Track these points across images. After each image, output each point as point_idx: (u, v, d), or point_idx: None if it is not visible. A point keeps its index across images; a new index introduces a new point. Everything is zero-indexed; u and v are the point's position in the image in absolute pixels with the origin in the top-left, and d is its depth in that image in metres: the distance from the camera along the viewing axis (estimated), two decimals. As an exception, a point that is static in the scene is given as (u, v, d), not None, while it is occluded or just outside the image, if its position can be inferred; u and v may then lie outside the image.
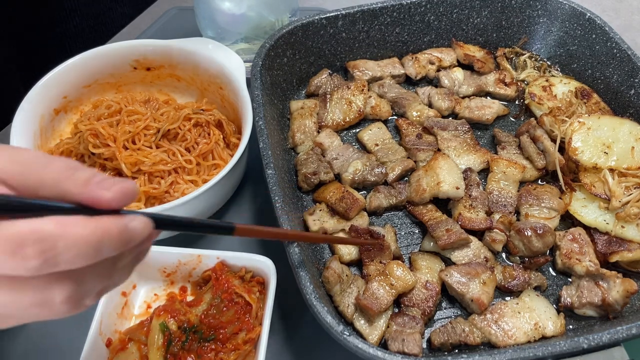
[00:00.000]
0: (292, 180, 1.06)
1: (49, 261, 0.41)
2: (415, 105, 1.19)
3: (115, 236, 0.45)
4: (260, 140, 0.96)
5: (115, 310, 0.87)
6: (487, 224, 0.96)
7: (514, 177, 1.04)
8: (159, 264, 0.92)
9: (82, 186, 0.45)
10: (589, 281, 0.89)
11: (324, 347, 0.89)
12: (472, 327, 0.84)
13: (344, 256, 0.94)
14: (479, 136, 1.17)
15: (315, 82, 1.22)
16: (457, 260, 0.93)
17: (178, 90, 1.22)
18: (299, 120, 1.14)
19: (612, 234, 0.95)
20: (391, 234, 0.96)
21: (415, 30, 1.28)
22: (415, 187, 1.02)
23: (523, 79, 1.28)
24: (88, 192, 0.45)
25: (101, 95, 1.16)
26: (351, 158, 1.08)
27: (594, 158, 1.01)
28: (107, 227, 0.44)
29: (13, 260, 0.41)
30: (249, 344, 0.83)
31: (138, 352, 0.83)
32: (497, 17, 1.30)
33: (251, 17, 1.25)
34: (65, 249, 0.42)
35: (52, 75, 1.05)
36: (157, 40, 1.13)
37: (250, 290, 0.87)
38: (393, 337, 0.82)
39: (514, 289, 0.90)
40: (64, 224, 0.42)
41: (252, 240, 1.05)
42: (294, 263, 0.80)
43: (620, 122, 1.05)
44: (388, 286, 0.86)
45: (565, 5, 1.25)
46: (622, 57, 1.14)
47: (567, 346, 0.73)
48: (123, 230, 0.45)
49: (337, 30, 1.22)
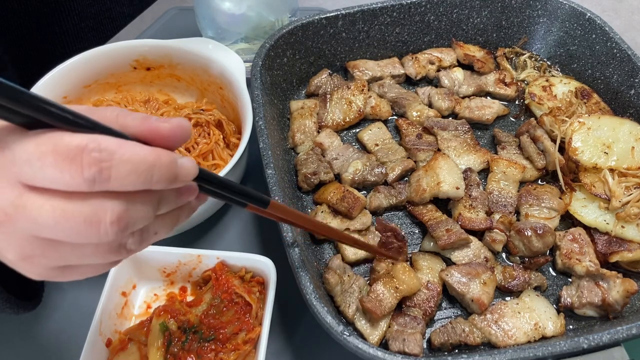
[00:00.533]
0: (292, 180, 1.06)
1: (104, 172, 0.43)
2: (415, 105, 1.19)
3: (166, 165, 0.46)
4: (260, 140, 0.96)
5: (115, 310, 0.87)
6: (487, 224, 0.96)
7: (514, 177, 1.04)
8: (159, 264, 0.92)
9: (141, 120, 0.47)
10: (589, 281, 0.89)
11: (324, 347, 0.89)
12: (472, 327, 0.84)
13: (350, 256, 0.93)
14: (479, 136, 1.17)
15: (315, 82, 1.22)
16: (457, 261, 0.93)
17: (178, 90, 1.22)
18: (299, 120, 1.14)
19: (612, 234, 0.95)
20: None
21: (415, 30, 1.28)
22: (415, 187, 1.02)
23: (523, 79, 1.28)
24: (148, 124, 0.47)
25: (101, 95, 1.16)
26: (351, 158, 1.08)
27: (594, 158, 1.01)
28: (159, 153, 0.46)
29: (70, 167, 0.42)
30: (249, 344, 0.83)
31: (138, 352, 0.83)
32: (497, 17, 1.30)
33: (251, 17, 1.25)
34: (121, 162, 0.43)
35: (51, 75, 1.05)
36: (157, 40, 1.13)
37: (250, 290, 0.87)
38: (394, 337, 0.82)
39: (514, 289, 0.90)
40: (122, 142, 0.44)
41: (252, 241, 1.05)
42: (294, 263, 0.80)
43: (620, 122, 1.05)
44: (393, 289, 0.85)
45: (565, 5, 1.25)
46: (622, 57, 1.14)
47: (567, 346, 0.73)
48: (173, 161, 0.47)
49: (337, 30, 1.22)
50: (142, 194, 0.47)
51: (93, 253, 0.48)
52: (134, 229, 0.48)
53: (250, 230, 1.07)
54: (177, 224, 0.55)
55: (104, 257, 0.49)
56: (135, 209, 0.47)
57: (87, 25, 1.41)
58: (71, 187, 0.43)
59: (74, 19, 1.37)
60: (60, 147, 0.42)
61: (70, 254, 0.48)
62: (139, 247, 0.51)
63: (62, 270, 0.51)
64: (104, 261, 0.50)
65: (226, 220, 1.09)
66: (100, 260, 0.49)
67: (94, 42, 1.14)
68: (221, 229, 1.07)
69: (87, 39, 1.43)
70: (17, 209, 0.44)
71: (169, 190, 0.50)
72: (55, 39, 1.37)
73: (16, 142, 0.43)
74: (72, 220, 0.44)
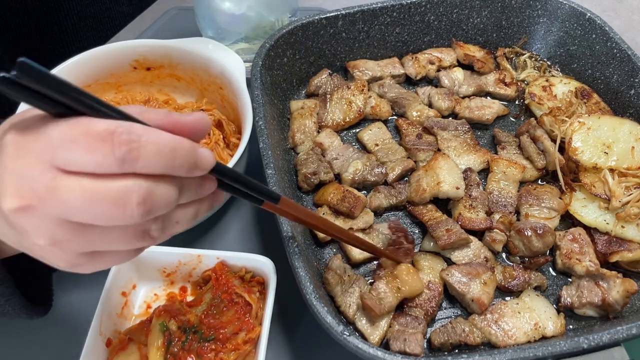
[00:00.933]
0: (292, 180, 1.06)
1: (133, 152, 0.45)
2: (415, 105, 1.19)
3: (187, 150, 0.49)
4: (260, 140, 0.96)
5: (115, 310, 0.87)
6: (487, 224, 0.96)
7: (514, 177, 1.04)
8: (159, 264, 0.92)
9: (164, 114, 0.51)
10: (589, 281, 0.89)
11: (324, 347, 0.89)
12: (472, 327, 0.84)
13: (356, 255, 0.93)
14: (479, 136, 1.17)
15: (315, 82, 1.22)
16: (457, 261, 0.93)
17: (178, 90, 1.22)
18: (299, 120, 1.14)
19: (612, 234, 0.95)
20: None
21: (415, 30, 1.28)
22: (415, 187, 1.02)
23: (523, 79, 1.28)
24: (170, 117, 0.50)
25: (101, 95, 1.16)
26: (351, 158, 1.08)
27: (594, 158, 1.01)
28: (181, 139, 0.49)
29: (103, 147, 0.44)
30: (249, 344, 0.83)
31: (138, 352, 0.83)
32: (497, 17, 1.30)
33: (251, 17, 1.25)
34: (148, 144, 0.46)
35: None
36: (157, 40, 1.13)
37: (250, 290, 0.87)
38: (395, 337, 0.82)
39: (514, 289, 0.90)
40: (148, 128, 0.47)
41: (252, 241, 1.05)
42: (294, 263, 0.80)
43: (620, 122, 1.05)
44: (395, 289, 0.85)
45: (565, 5, 1.25)
46: (622, 57, 1.14)
47: (567, 346, 0.73)
48: (194, 148, 0.50)
49: (337, 30, 1.22)
50: (166, 178, 0.49)
51: (119, 238, 0.50)
52: (157, 214, 0.50)
53: (250, 230, 1.07)
54: (197, 217, 0.57)
55: (129, 243, 0.51)
56: (159, 193, 0.49)
57: (86, 24, 1.41)
58: (102, 167, 0.45)
59: (73, 18, 1.37)
60: (92, 130, 0.45)
61: (98, 239, 0.49)
62: (162, 234, 0.53)
63: (89, 257, 0.52)
64: (129, 247, 0.52)
65: (226, 220, 1.09)
66: (126, 247, 0.51)
67: (93, 42, 1.14)
68: (221, 229, 1.07)
69: (86, 39, 1.43)
70: (51, 192, 0.45)
71: (189, 179, 0.52)
72: (55, 38, 1.37)
73: (51, 127, 0.46)
74: (101, 201, 0.46)
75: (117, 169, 0.45)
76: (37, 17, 1.31)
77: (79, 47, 1.10)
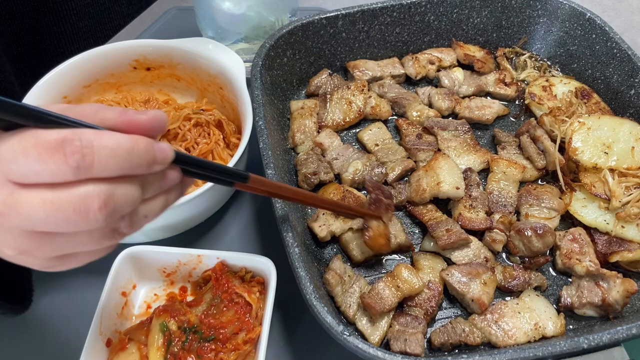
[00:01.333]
0: (292, 180, 1.06)
1: (87, 158, 0.45)
2: (415, 105, 1.19)
3: (143, 148, 0.49)
4: (260, 140, 0.96)
5: (115, 310, 0.87)
6: (487, 224, 0.96)
7: (514, 177, 1.04)
8: (159, 264, 0.92)
9: (119, 112, 0.50)
10: (589, 281, 0.89)
11: (324, 347, 0.89)
12: (472, 327, 0.84)
13: (357, 256, 0.93)
14: (479, 136, 1.17)
15: (315, 82, 1.22)
16: (457, 261, 0.93)
17: (178, 90, 1.22)
18: (299, 120, 1.14)
19: (612, 234, 0.95)
20: (397, 224, 0.96)
21: (415, 30, 1.28)
22: (415, 187, 1.02)
23: (523, 79, 1.28)
24: (125, 116, 0.50)
25: (101, 95, 1.16)
26: (351, 158, 1.08)
27: (594, 158, 1.01)
28: (136, 139, 0.49)
29: (54, 157, 0.44)
30: (249, 344, 0.83)
31: (138, 352, 0.83)
32: (497, 17, 1.30)
33: (251, 17, 1.25)
34: (101, 148, 0.46)
35: (51, 75, 1.05)
36: (157, 40, 1.13)
37: (250, 290, 0.87)
38: (395, 337, 0.82)
39: (514, 289, 0.90)
40: (99, 132, 0.47)
41: (252, 240, 1.05)
42: (294, 263, 0.80)
43: (620, 122, 1.05)
44: (394, 288, 0.85)
45: (565, 5, 1.25)
46: (622, 57, 1.14)
47: (567, 346, 0.73)
48: (150, 145, 0.50)
49: (337, 30, 1.22)
50: (125, 178, 0.49)
51: (88, 240, 0.50)
52: (122, 213, 0.50)
53: (250, 230, 1.07)
54: (167, 206, 0.57)
55: (99, 243, 0.51)
56: (121, 194, 0.48)
57: (85, 25, 1.41)
58: (57, 177, 0.45)
59: (71, 19, 1.36)
60: (42, 140, 0.44)
61: (65, 244, 0.50)
62: (131, 230, 0.53)
63: (60, 260, 0.52)
64: (100, 247, 0.52)
65: (226, 220, 1.09)
66: (97, 246, 0.52)
67: (92, 43, 1.14)
68: (221, 229, 1.07)
69: (85, 39, 1.42)
70: (9, 207, 0.45)
71: (151, 175, 0.52)
72: (53, 39, 1.37)
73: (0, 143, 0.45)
74: (62, 210, 0.46)
75: (73, 177, 0.45)
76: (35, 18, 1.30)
77: (77, 48, 1.10)
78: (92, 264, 0.99)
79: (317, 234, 0.95)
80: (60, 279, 0.98)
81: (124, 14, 1.50)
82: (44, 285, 0.96)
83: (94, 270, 0.95)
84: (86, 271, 0.97)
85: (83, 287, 0.96)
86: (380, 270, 0.95)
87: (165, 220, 0.93)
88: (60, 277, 0.98)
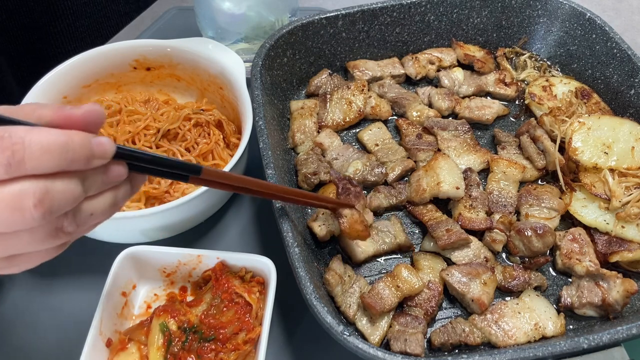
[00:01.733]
0: (292, 180, 1.06)
1: (17, 154, 0.44)
2: (415, 105, 1.19)
3: (79, 143, 0.48)
4: (260, 140, 0.96)
5: (115, 310, 0.87)
6: (487, 224, 0.96)
7: (514, 177, 1.04)
8: (159, 264, 0.92)
9: (55, 109, 0.49)
10: (589, 281, 0.89)
11: (324, 347, 0.89)
12: (472, 327, 0.84)
13: (357, 256, 0.93)
14: (479, 136, 1.17)
15: (315, 82, 1.22)
16: (457, 261, 0.93)
17: (178, 90, 1.22)
18: (299, 120, 1.14)
19: (612, 234, 0.95)
20: (397, 224, 0.96)
21: (415, 30, 1.28)
22: (415, 187, 1.02)
23: (523, 79, 1.28)
24: (61, 112, 0.49)
25: (101, 95, 1.16)
26: (351, 158, 1.08)
27: (594, 158, 1.01)
28: (71, 134, 0.48)
29: None
30: (249, 344, 0.83)
31: (138, 352, 0.83)
32: (497, 17, 1.30)
33: (251, 17, 1.25)
34: (32, 144, 0.44)
35: (51, 75, 1.05)
36: (157, 40, 1.13)
37: (250, 290, 0.87)
38: (395, 337, 0.82)
39: (514, 289, 0.90)
40: (32, 128, 0.46)
41: (252, 241, 1.05)
42: (294, 263, 0.80)
43: (620, 122, 1.05)
44: (394, 288, 0.85)
45: (565, 5, 1.25)
46: (622, 57, 1.14)
47: (567, 346, 0.73)
48: (86, 139, 0.48)
49: (337, 30, 1.22)
50: (63, 175, 0.48)
51: (31, 240, 0.49)
52: (61, 211, 0.48)
53: (250, 230, 1.07)
54: (117, 204, 0.55)
55: (44, 243, 0.49)
56: (58, 190, 0.47)
57: (82, 24, 1.40)
58: None
59: (68, 18, 1.36)
60: None
61: (9, 244, 0.49)
62: (78, 229, 0.52)
63: (9, 261, 0.51)
64: (46, 246, 0.51)
65: (226, 220, 1.09)
66: (43, 246, 0.50)
67: (90, 42, 1.14)
68: (221, 229, 1.07)
69: (83, 39, 1.42)
70: None
71: (93, 170, 0.51)
72: (51, 38, 1.37)
73: None
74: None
75: (6, 175, 0.44)
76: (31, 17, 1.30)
77: (75, 47, 1.11)
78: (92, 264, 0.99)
79: (317, 233, 0.95)
80: (60, 279, 0.98)
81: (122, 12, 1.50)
82: (43, 286, 0.97)
83: (94, 270, 0.96)
84: (86, 271, 0.98)
85: (83, 287, 0.96)
86: (380, 270, 0.95)
87: (165, 221, 0.93)
88: (59, 277, 0.98)
